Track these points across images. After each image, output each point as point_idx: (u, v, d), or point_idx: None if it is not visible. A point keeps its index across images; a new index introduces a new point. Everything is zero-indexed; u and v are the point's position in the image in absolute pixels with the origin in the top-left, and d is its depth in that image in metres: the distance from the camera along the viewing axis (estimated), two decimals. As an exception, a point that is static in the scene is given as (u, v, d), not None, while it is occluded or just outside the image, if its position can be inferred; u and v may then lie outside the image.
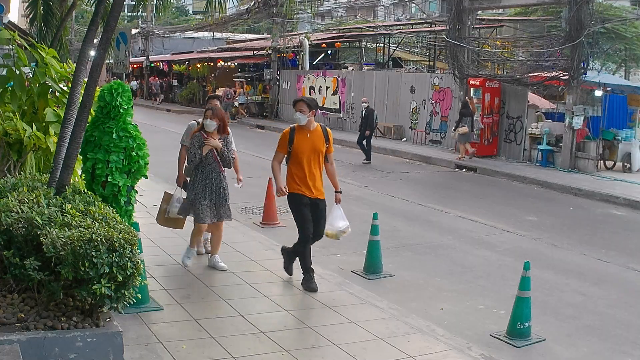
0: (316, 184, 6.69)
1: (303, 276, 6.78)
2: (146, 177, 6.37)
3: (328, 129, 6.90)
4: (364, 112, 18.66)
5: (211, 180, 6.94)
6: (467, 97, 18.98)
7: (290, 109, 29.22)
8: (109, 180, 5.93)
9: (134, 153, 6.03)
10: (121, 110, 5.97)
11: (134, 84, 40.97)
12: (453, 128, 18.86)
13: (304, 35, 30.07)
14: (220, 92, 30.29)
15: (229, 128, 7.17)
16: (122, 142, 5.97)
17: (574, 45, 16.75)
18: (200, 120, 7.28)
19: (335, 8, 39.14)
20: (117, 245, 4.06)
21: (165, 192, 7.50)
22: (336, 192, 6.90)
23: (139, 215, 9.95)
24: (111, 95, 5.95)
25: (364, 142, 18.18)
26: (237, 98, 30.64)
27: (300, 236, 6.76)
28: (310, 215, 6.69)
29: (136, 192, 6.31)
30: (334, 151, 7.08)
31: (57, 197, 4.86)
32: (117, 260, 4.03)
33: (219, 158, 6.96)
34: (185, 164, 7.28)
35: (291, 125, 6.90)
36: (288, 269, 7.01)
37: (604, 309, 7.15)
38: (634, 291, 7.84)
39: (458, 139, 18.64)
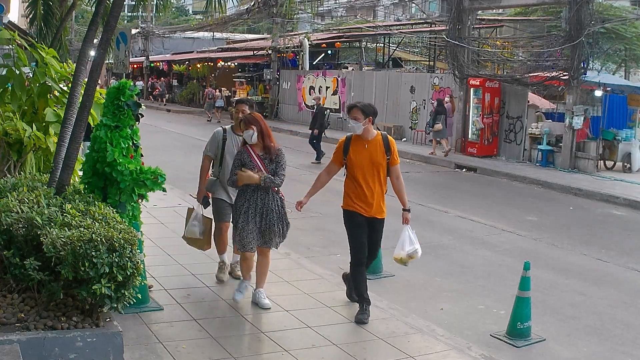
0: (374, 201, 5.93)
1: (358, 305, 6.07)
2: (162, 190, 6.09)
3: (390, 138, 6.07)
4: (315, 110, 18.40)
5: (256, 200, 5.92)
6: (448, 96, 20.02)
7: (291, 109, 29.46)
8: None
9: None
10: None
11: (139, 84, 40.91)
12: (430, 126, 19.67)
13: (304, 35, 30.07)
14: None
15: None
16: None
17: (574, 45, 16.75)
18: (226, 127, 6.76)
19: (335, 8, 39.13)
20: (117, 245, 4.06)
21: (188, 207, 6.98)
22: (403, 210, 6.17)
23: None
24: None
25: (315, 141, 17.74)
26: (216, 102, 31.19)
27: (352, 259, 6.07)
28: (364, 237, 5.98)
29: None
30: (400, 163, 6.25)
31: (57, 197, 4.86)
32: (117, 260, 4.03)
33: (265, 173, 5.95)
34: (210, 175, 6.75)
35: (347, 134, 6.12)
36: (350, 296, 6.34)
37: (604, 309, 7.15)
38: (633, 291, 7.84)
39: (433, 136, 19.54)
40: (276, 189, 5.96)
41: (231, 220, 6.37)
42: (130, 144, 5.77)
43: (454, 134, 20.35)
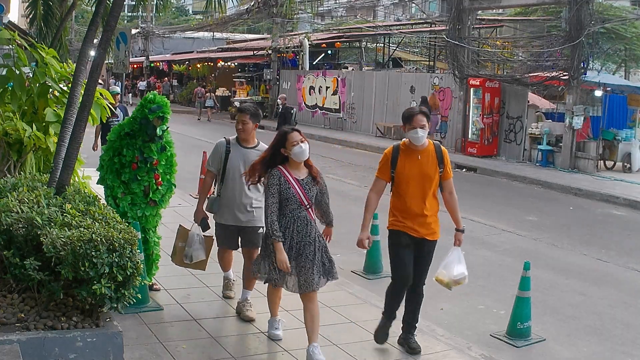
0: (425, 220, 5.21)
1: (379, 321, 5.50)
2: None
3: (443, 149, 5.33)
4: (280, 110, 18.24)
5: (292, 231, 5.00)
6: (433, 93, 20.54)
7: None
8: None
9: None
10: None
11: (143, 84, 40.89)
12: None
13: (304, 35, 30.07)
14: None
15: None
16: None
17: (574, 45, 16.75)
18: (229, 137, 5.90)
19: (335, 8, 39.11)
20: (117, 245, 4.05)
21: (180, 225, 6.21)
22: (457, 230, 5.42)
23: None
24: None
25: None
26: (205, 101, 31.75)
27: (392, 282, 5.42)
28: (410, 260, 5.25)
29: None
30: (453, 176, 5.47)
31: (57, 197, 4.86)
32: (117, 260, 4.03)
33: (306, 202, 5.05)
34: (213, 193, 5.97)
35: (394, 144, 5.42)
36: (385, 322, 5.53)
37: (604, 309, 7.15)
38: (633, 291, 7.84)
39: None
40: (313, 217, 5.13)
41: (259, 248, 5.43)
42: (137, 155, 5.90)
43: (453, 133, 20.41)
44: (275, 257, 4.92)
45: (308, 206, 5.05)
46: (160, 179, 6.09)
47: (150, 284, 6.35)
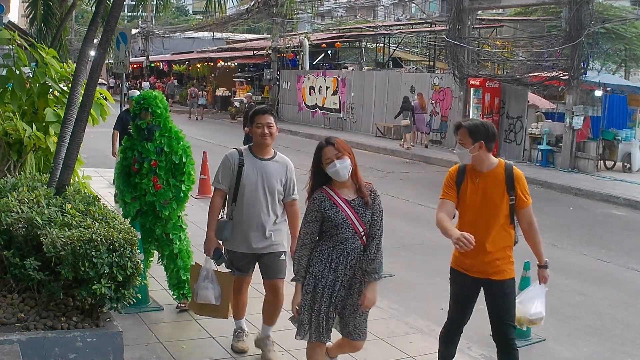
0: (487, 258, 4.32)
1: None
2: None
3: (517, 171, 4.43)
4: (246, 109, 18.11)
5: (345, 266, 4.11)
6: (420, 94, 21.39)
7: (291, 109, 29.43)
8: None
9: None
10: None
11: (146, 84, 40.91)
12: (395, 117, 21.62)
13: (304, 35, 30.08)
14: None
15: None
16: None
17: (574, 45, 16.76)
18: (242, 147, 4.99)
19: (335, 8, 39.12)
20: (117, 245, 4.05)
21: (194, 262, 5.40)
22: (539, 266, 4.64)
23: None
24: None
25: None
26: (198, 100, 32.55)
27: (447, 324, 4.74)
28: (468, 306, 4.52)
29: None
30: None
31: (57, 197, 4.86)
32: (117, 260, 4.03)
33: (361, 229, 4.11)
34: (223, 216, 4.97)
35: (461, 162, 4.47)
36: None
37: (604, 309, 7.15)
38: (633, 291, 7.84)
39: (403, 131, 20.93)
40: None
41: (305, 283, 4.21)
42: (135, 156, 5.84)
43: (453, 133, 20.39)
44: (295, 298, 4.11)
45: (363, 234, 4.10)
46: (158, 181, 5.85)
47: (179, 303, 6.04)
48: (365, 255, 4.13)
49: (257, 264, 5.03)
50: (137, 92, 9.76)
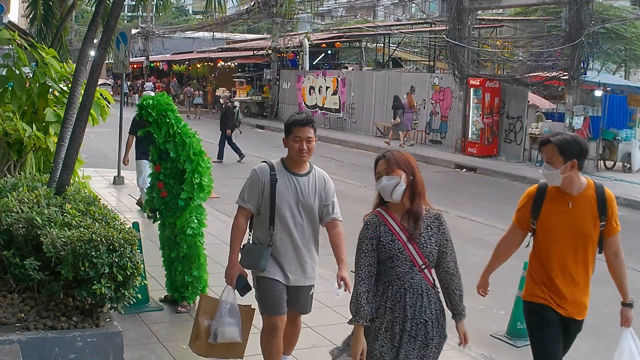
0: (573, 294, 3.94)
1: None
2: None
3: (608, 193, 3.87)
4: (223, 110, 18.03)
5: (404, 306, 3.45)
6: (408, 93, 21.60)
7: (291, 109, 29.39)
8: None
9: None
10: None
11: (149, 85, 40.86)
12: (393, 118, 21.62)
13: (304, 35, 30.08)
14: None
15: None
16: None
17: (574, 45, 16.76)
18: (273, 161, 4.31)
19: (335, 8, 39.14)
20: (117, 245, 4.06)
21: (200, 295, 4.76)
22: (623, 304, 4.16)
23: (137, 215, 9.97)
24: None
25: (227, 142, 17.10)
26: (194, 99, 33.31)
27: None
28: (556, 343, 3.92)
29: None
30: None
31: (57, 197, 4.86)
32: (117, 260, 4.03)
33: (421, 261, 3.47)
34: (249, 240, 4.33)
35: (540, 182, 3.93)
36: None
37: (603, 309, 7.15)
38: (633, 291, 7.78)
39: (392, 129, 21.41)
40: (432, 282, 3.57)
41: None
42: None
43: (453, 133, 20.46)
44: (356, 345, 3.46)
45: (424, 267, 3.48)
46: (164, 188, 5.93)
47: (180, 307, 6.07)
48: (450, 297, 3.61)
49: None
50: (152, 93, 9.80)
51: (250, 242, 4.34)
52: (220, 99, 19.46)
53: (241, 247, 4.30)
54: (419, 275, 3.46)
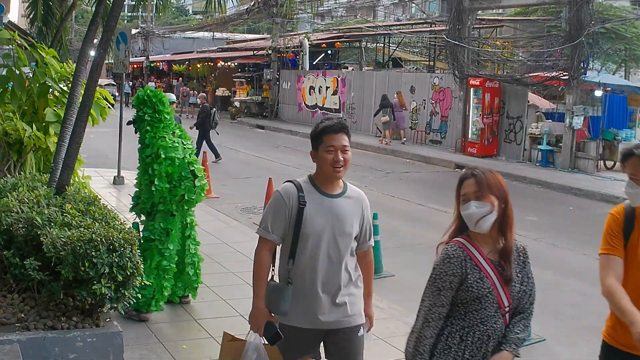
0: None
1: None
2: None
3: None
4: (199, 110, 17.73)
5: (484, 354, 2.93)
6: (398, 92, 22.19)
7: (291, 109, 29.45)
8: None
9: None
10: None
11: (152, 85, 40.90)
12: (374, 115, 22.66)
13: (304, 35, 30.09)
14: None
15: None
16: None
17: (574, 45, 16.76)
18: (300, 179, 3.52)
19: (335, 8, 39.13)
20: (117, 245, 4.05)
21: (224, 333, 3.63)
22: None
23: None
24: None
25: (205, 142, 16.84)
26: (189, 98, 33.67)
27: None
28: None
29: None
30: None
31: (57, 197, 4.86)
32: (117, 260, 4.03)
33: (507, 303, 2.97)
34: (272, 277, 3.53)
35: (625, 202, 3.57)
36: None
37: (604, 309, 7.12)
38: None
39: (382, 127, 21.81)
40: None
41: None
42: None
43: (453, 133, 20.47)
44: None
45: (508, 309, 2.97)
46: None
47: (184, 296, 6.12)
48: (510, 329, 2.99)
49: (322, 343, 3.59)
50: (173, 96, 9.71)
51: (273, 278, 3.56)
52: (197, 99, 19.40)
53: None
54: (501, 320, 2.94)
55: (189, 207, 5.94)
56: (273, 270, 3.54)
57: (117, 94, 31.27)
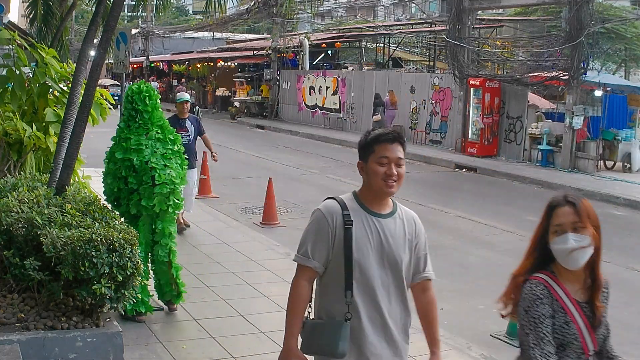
0: None
1: None
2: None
3: None
4: None
5: None
6: (391, 91, 22.22)
7: (291, 109, 29.49)
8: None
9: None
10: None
11: (155, 84, 40.89)
12: (372, 115, 22.36)
13: (304, 35, 30.09)
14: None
15: None
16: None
17: (574, 45, 16.76)
18: (343, 196, 2.98)
19: (335, 8, 39.14)
20: (117, 245, 4.06)
21: None
22: None
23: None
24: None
25: None
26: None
27: None
28: None
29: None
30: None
31: (57, 197, 4.86)
32: (117, 260, 4.03)
33: (591, 347, 2.58)
34: (307, 315, 2.97)
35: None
36: None
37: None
38: (633, 291, 7.84)
39: (373, 126, 21.52)
40: None
41: None
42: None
43: (453, 133, 20.49)
44: None
45: (592, 353, 2.59)
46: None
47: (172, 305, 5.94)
48: None
49: None
50: (187, 95, 9.57)
51: (312, 316, 2.99)
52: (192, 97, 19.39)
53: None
54: None
55: (162, 216, 5.66)
56: (310, 307, 2.99)
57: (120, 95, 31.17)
